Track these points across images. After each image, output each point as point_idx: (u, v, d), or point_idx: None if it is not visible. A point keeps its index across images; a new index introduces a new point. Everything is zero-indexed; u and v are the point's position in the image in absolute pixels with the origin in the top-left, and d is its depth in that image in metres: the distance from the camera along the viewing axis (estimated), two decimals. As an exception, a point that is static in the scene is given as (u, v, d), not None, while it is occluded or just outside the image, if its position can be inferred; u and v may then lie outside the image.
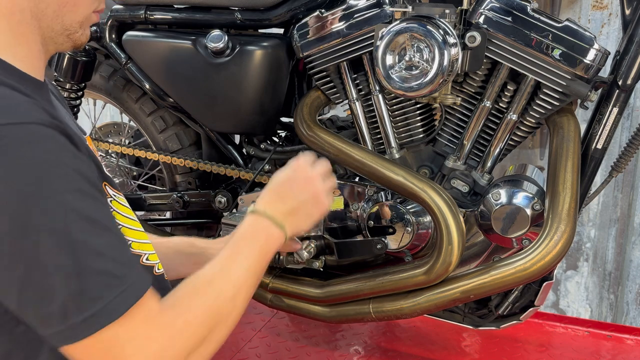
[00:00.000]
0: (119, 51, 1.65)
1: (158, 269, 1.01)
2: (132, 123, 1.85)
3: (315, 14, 1.44)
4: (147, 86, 1.64)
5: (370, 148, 1.50)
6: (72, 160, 0.76)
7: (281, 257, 1.51)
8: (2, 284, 0.73)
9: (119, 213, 0.93)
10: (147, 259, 0.98)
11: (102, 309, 0.73)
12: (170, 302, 0.83)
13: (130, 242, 0.94)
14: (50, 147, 0.74)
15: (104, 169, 0.95)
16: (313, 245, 1.46)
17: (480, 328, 1.55)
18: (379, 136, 1.50)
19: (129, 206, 0.97)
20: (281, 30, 1.63)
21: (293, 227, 1.05)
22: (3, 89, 0.77)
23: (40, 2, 0.82)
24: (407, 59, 1.29)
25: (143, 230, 0.99)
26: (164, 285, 1.01)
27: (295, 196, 1.06)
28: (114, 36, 1.65)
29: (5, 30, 0.81)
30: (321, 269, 1.53)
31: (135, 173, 1.94)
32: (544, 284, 1.44)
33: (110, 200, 0.91)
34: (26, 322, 0.75)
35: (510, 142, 1.41)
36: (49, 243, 0.71)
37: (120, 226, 0.92)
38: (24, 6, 0.81)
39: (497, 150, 1.41)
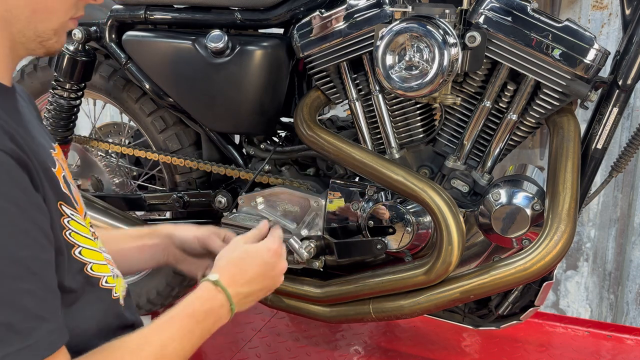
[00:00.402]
0: (118, 51, 1.65)
1: (115, 293, 0.97)
2: (132, 123, 1.84)
3: (315, 14, 1.44)
4: (147, 86, 1.64)
5: (370, 148, 1.50)
6: (15, 187, 0.70)
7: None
8: None
9: (77, 234, 0.87)
10: (105, 282, 0.93)
11: None
12: None
13: (90, 264, 0.89)
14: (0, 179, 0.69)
15: (67, 186, 0.89)
16: (313, 246, 1.46)
17: (480, 328, 1.55)
18: (379, 136, 1.50)
19: (85, 225, 0.92)
20: (281, 30, 1.63)
21: (240, 308, 1.03)
22: None
23: (13, 8, 0.79)
24: (407, 59, 1.29)
25: (100, 250, 0.95)
26: (116, 311, 0.97)
27: (261, 282, 1.06)
28: (113, 36, 1.65)
29: None
30: (321, 269, 1.53)
31: (135, 173, 1.94)
32: (544, 284, 1.44)
33: (68, 221, 0.85)
34: None
35: (510, 142, 1.41)
36: None
37: (80, 247, 0.87)
38: None
39: (497, 150, 1.40)
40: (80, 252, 0.87)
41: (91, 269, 0.89)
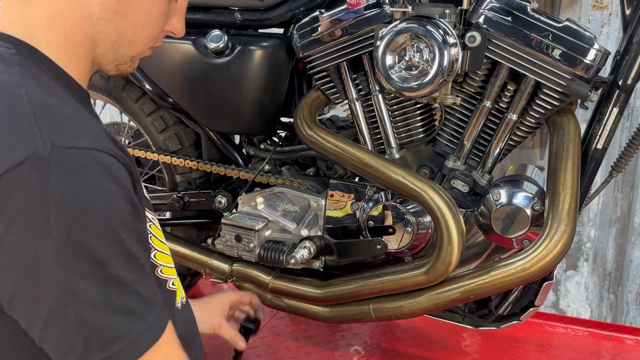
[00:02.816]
0: (119, 51, 1.65)
1: (183, 297, 1.02)
2: (131, 123, 1.84)
3: (315, 14, 1.44)
4: (147, 86, 1.64)
5: (370, 148, 1.50)
6: (126, 192, 0.75)
7: (281, 257, 1.51)
8: (29, 310, 0.72)
9: (155, 237, 0.93)
10: (172, 284, 0.98)
11: (124, 347, 0.72)
12: None
13: (161, 266, 0.94)
14: (110, 177, 0.73)
15: (144, 190, 0.95)
16: (313, 246, 1.46)
17: (480, 328, 1.55)
18: (379, 136, 1.50)
19: (161, 229, 0.98)
20: (281, 30, 1.63)
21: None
22: (70, 108, 0.77)
23: (101, 32, 0.84)
24: (407, 59, 1.29)
25: (169, 253, 1.00)
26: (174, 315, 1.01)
27: None
28: (114, 36, 1.65)
29: (62, 46, 0.82)
30: (321, 269, 1.53)
31: (135, 173, 1.94)
32: (544, 284, 1.44)
33: (150, 225, 0.91)
34: (44, 349, 0.74)
35: (510, 142, 1.41)
36: (87, 274, 0.71)
37: (155, 251, 0.93)
38: (87, 31, 0.83)
39: (497, 150, 1.40)
40: (155, 256, 0.93)
41: (161, 271, 0.95)
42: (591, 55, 1.25)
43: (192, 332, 1.05)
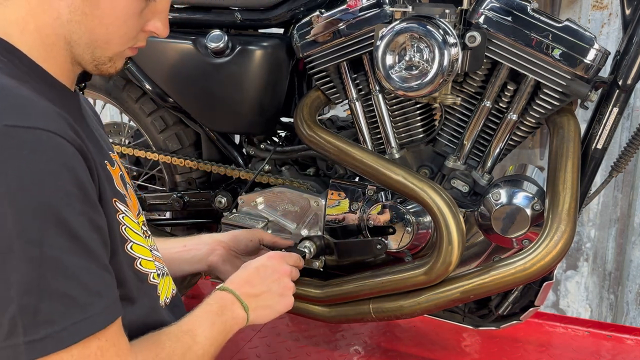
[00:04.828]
0: (119, 51, 1.64)
1: (158, 291, 1.02)
2: (132, 123, 1.84)
3: (315, 13, 1.44)
4: (147, 86, 1.64)
5: (370, 148, 1.50)
6: (73, 175, 0.74)
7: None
8: None
9: (130, 229, 0.92)
10: (152, 279, 0.98)
11: (51, 334, 0.70)
12: (136, 348, 0.83)
13: (139, 259, 0.94)
14: (54, 157, 0.73)
15: (123, 185, 0.95)
16: (313, 246, 1.46)
17: (480, 328, 1.55)
18: (379, 136, 1.50)
19: (139, 224, 0.98)
20: (281, 30, 1.63)
21: (256, 312, 1.09)
22: (28, 91, 0.77)
23: (74, 33, 0.84)
24: (407, 59, 1.29)
25: (149, 247, 1.00)
26: (157, 310, 1.01)
27: (264, 283, 1.11)
28: (114, 36, 1.65)
29: (38, 46, 0.84)
30: (321, 269, 1.52)
31: (135, 173, 1.94)
32: (544, 284, 1.44)
33: (123, 216, 0.90)
34: None
35: (510, 142, 1.41)
36: (21, 253, 0.69)
37: (131, 243, 0.92)
38: (59, 32, 0.84)
39: (497, 150, 1.40)
40: (131, 247, 0.92)
41: (140, 264, 0.94)
42: (591, 55, 1.25)
43: None
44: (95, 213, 0.78)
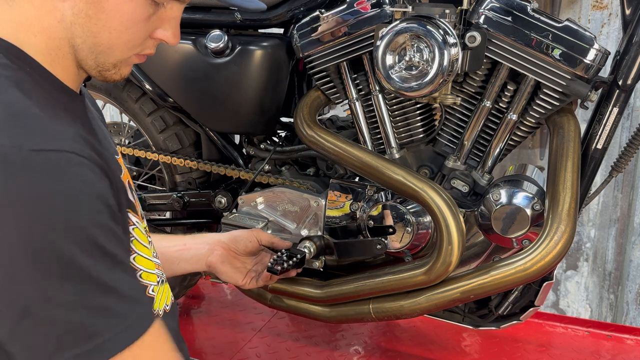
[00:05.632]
0: (118, 51, 1.64)
1: (167, 304, 1.02)
2: (132, 123, 1.84)
3: (315, 14, 1.44)
4: (147, 86, 1.64)
5: (370, 148, 1.50)
6: (99, 193, 0.76)
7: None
8: None
9: (138, 241, 0.92)
10: (152, 291, 0.97)
11: (97, 346, 0.72)
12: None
13: (140, 271, 0.93)
14: (80, 178, 0.74)
15: (131, 191, 0.95)
16: (313, 246, 1.46)
17: (480, 328, 1.55)
18: (379, 136, 1.50)
19: (145, 233, 0.97)
20: (281, 30, 1.63)
21: None
22: (41, 106, 0.77)
23: (77, 37, 0.83)
24: (407, 59, 1.29)
25: (152, 258, 0.99)
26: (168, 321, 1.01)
27: None
28: (114, 36, 1.65)
29: (44, 49, 0.83)
30: (321, 269, 1.52)
31: (135, 173, 1.94)
32: (544, 284, 1.44)
33: (133, 228, 0.90)
34: (11, 352, 0.72)
35: (510, 142, 1.41)
36: (58, 275, 0.71)
37: (136, 254, 0.92)
38: (63, 35, 0.83)
39: (497, 150, 1.40)
40: (134, 259, 0.92)
41: (140, 276, 0.93)
42: (591, 55, 1.25)
43: (175, 339, 1.05)
44: (118, 227, 0.80)
